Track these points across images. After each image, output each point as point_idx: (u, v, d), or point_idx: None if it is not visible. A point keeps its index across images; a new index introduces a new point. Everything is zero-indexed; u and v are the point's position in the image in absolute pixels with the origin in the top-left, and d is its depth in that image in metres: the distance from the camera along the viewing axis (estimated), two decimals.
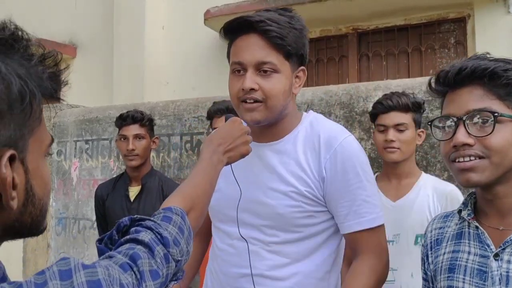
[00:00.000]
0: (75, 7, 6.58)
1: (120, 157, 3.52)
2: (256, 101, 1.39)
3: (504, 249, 1.08)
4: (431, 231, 1.29)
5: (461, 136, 1.08)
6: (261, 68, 1.39)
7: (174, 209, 0.98)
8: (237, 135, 1.30)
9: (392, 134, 2.10)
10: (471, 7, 4.66)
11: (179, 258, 0.92)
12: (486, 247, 1.11)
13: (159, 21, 5.97)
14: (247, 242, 1.45)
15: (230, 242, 1.51)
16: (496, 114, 1.06)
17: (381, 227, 1.47)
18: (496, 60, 1.11)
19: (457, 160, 1.11)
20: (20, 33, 0.70)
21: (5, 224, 0.69)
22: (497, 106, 1.07)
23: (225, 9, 5.01)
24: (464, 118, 1.09)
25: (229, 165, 1.34)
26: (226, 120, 1.40)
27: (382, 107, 2.15)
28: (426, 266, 1.29)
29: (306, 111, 1.61)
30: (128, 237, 0.86)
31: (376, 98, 2.41)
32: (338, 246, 1.52)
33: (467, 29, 4.76)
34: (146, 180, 2.90)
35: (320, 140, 1.45)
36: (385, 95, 2.22)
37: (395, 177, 2.19)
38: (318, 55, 5.41)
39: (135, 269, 0.78)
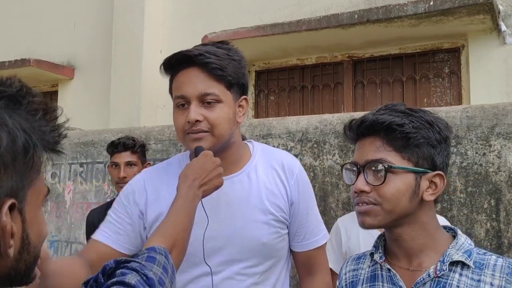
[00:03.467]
0: (74, 29, 6.64)
1: None
2: (202, 131, 1.40)
3: None
4: (345, 274, 1.35)
5: (360, 183, 1.18)
6: (204, 100, 1.41)
7: (158, 249, 1.01)
8: (210, 168, 1.33)
9: None
10: (465, 37, 4.72)
11: None
12: None
13: (157, 45, 6.03)
14: (211, 275, 1.42)
15: (198, 278, 1.46)
16: (386, 166, 1.14)
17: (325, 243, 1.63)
18: (400, 112, 1.18)
19: (357, 204, 1.20)
20: (25, 89, 0.73)
21: (2, 272, 0.71)
22: (392, 157, 1.16)
23: (222, 35, 5.06)
24: (363, 167, 1.18)
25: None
26: (196, 153, 1.39)
27: None
28: None
29: (300, 139, 1.65)
30: (114, 279, 0.87)
31: None
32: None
33: (461, 59, 4.81)
34: None
35: (283, 167, 1.53)
36: None
37: None
38: (313, 81, 5.46)
39: None
